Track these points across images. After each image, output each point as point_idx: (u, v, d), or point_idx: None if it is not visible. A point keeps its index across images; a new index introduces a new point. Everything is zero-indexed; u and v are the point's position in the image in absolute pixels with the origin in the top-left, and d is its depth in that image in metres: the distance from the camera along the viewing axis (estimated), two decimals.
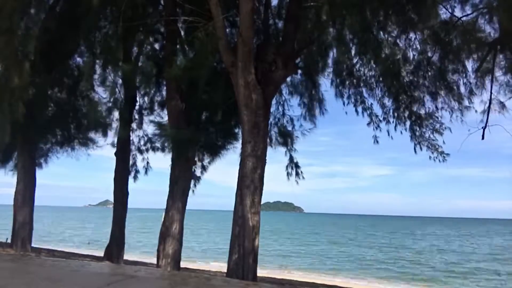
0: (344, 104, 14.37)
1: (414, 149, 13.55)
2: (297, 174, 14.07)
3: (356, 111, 14.28)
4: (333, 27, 11.36)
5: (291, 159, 14.14)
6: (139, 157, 16.91)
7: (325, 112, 14.46)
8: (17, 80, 11.84)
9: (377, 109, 14.18)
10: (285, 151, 14.19)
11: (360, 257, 38.47)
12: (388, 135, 13.92)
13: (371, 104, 14.20)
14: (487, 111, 11.93)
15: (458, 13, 11.43)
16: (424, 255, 41.41)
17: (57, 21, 14.10)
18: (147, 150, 16.71)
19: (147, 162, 16.82)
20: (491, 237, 78.93)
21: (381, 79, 13.65)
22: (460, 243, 60.58)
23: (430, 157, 13.31)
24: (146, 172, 16.83)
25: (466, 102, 12.95)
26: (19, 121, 12.52)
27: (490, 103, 11.99)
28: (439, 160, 13.30)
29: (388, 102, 13.88)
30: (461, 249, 49.29)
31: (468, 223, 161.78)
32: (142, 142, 16.79)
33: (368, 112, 14.22)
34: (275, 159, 14.51)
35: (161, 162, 16.42)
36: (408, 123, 13.64)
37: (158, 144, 15.61)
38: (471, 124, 11.98)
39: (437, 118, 13.25)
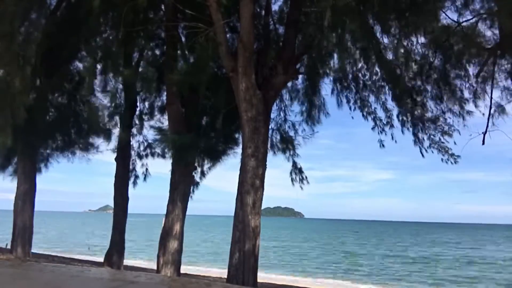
0: (350, 109, 14.30)
1: (421, 152, 13.46)
2: (301, 180, 14.00)
3: (363, 115, 14.17)
4: (334, 32, 11.35)
5: (294, 164, 14.06)
6: (139, 163, 16.88)
7: (326, 117, 14.39)
8: (18, 85, 11.85)
9: (381, 113, 14.09)
10: (288, 157, 14.10)
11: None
12: (392, 139, 13.82)
13: (375, 108, 14.14)
14: (488, 116, 11.90)
15: (457, 17, 11.44)
16: None
17: (58, 26, 14.10)
18: (146, 155, 16.67)
19: (146, 169, 16.77)
20: None
21: (384, 83, 13.62)
22: None
23: (442, 159, 13.19)
24: (145, 179, 16.74)
25: (468, 107, 12.93)
26: (20, 126, 12.51)
27: (490, 108, 11.98)
28: (450, 162, 13.18)
29: (392, 106, 13.82)
30: None
31: (483, 229, 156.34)
32: (141, 148, 16.78)
33: (372, 116, 14.15)
34: (276, 163, 14.45)
35: (159, 167, 16.40)
36: (413, 127, 13.53)
37: (158, 150, 15.60)
38: (474, 127, 11.94)
39: (445, 120, 13.17)
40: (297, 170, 14.04)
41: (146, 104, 16.33)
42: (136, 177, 16.83)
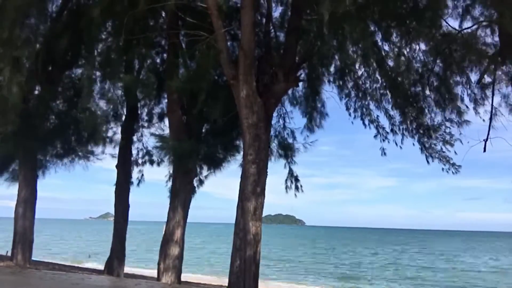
0: (350, 115, 14.31)
1: (427, 160, 13.42)
2: (296, 188, 13.97)
3: (364, 124, 14.14)
4: (334, 39, 11.37)
5: (290, 172, 14.03)
6: (140, 170, 16.84)
7: (326, 126, 14.41)
8: (16, 91, 11.87)
9: (384, 121, 14.06)
10: (285, 164, 14.08)
11: None
12: (396, 145, 13.78)
13: (377, 116, 14.13)
14: (489, 123, 11.85)
15: (458, 25, 11.45)
16: None
17: (58, 33, 14.15)
18: (144, 163, 16.64)
19: (142, 175, 16.75)
20: None
21: (386, 91, 13.61)
22: None
23: (442, 169, 13.15)
24: (138, 184, 16.76)
25: (468, 114, 12.91)
26: (20, 132, 12.52)
27: (491, 115, 11.94)
28: (452, 172, 13.13)
29: (394, 114, 13.79)
30: None
31: (491, 237, 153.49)
32: (140, 155, 16.76)
33: (375, 124, 14.11)
34: (277, 170, 14.41)
35: (157, 174, 16.35)
36: (416, 135, 13.49)
37: (157, 157, 15.56)
38: (475, 134, 11.87)
39: (446, 129, 13.11)
40: (292, 178, 14.02)
41: (146, 111, 16.39)
42: (139, 182, 16.84)
